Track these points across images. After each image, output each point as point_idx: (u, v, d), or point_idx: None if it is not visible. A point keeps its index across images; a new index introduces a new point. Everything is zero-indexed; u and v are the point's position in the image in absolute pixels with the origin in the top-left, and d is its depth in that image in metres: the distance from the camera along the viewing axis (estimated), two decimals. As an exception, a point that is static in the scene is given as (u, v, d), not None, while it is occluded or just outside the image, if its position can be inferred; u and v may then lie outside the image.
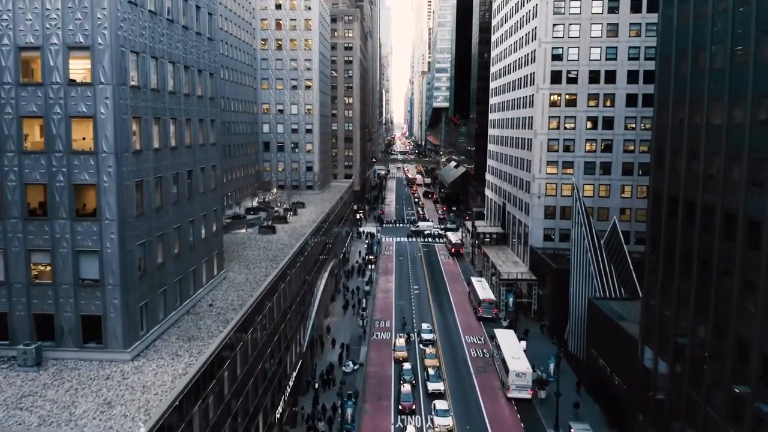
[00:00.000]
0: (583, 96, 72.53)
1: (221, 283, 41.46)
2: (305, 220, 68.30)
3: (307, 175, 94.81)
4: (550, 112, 73.35)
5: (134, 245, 28.78)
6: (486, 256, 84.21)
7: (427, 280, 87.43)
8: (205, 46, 38.52)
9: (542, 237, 74.54)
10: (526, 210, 77.30)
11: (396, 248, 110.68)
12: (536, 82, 73.61)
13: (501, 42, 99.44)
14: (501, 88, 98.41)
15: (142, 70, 29.47)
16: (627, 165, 72.67)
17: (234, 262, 47.41)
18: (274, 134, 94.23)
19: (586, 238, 56.91)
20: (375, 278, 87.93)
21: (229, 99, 76.40)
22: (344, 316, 72.05)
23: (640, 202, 72.84)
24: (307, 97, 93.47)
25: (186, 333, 31.93)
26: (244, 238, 56.87)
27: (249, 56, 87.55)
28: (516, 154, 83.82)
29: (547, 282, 69.05)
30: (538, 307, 71.32)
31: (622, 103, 72.01)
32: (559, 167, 73.76)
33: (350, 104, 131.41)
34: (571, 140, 73.39)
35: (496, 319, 70.29)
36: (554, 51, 72.71)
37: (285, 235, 58.35)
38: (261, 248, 52.63)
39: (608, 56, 71.91)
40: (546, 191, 74.11)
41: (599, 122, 72.66)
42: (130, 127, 28.29)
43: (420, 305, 76.04)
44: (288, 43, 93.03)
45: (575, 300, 59.42)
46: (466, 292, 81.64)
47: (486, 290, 72.47)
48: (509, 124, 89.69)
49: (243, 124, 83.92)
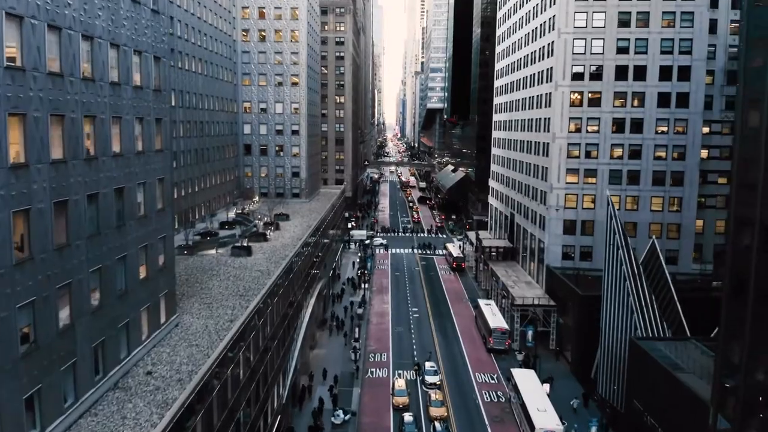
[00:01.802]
0: (609, 94, 63.35)
1: (171, 333, 31.65)
2: (288, 236, 58.52)
3: (293, 181, 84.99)
4: (570, 112, 64.09)
5: (13, 309, 18.96)
6: (494, 275, 74.84)
7: (428, 301, 77.88)
8: (146, 20, 28.73)
9: (560, 255, 65.27)
10: (541, 224, 67.99)
11: (392, 260, 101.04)
12: (554, 79, 64.31)
13: (508, 36, 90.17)
14: (508, 86, 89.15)
15: (27, 44, 19.65)
16: (658, 174, 63.59)
17: (194, 299, 37.57)
18: (256, 136, 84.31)
19: (625, 264, 47.58)
20: (369, 298, 78.28)
21: (203, 95, 66.55)
22: (333, 344, 62.32)
23: (672, 215, 63.87)
24: (293, 95, 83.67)
25: (105, 426, 22.12)
26: (212, 262, 47.02)
27: (228, 48, 77.66)
28: (528, 160, 74.50)
29: (569, 309, 59.75)
30: (558, 336, 61.97)
31: (653, 103, 62.92)
32: (581, 176, 64.51)
33: (342, 103, 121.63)
34: (594, 145, 64.16)
35: (508, 351, 60.87)
36: (576, 43, 63.47)
37: (263, 258, 48.56)
38: (231, 277, 42.82)
39: (637, 49, 62.79)
40: (565, 203, 64.87)
41: (626, 125, 63.51)
42: (3, 130, 18.48)
43: (421, 333, 66.46)
44: (272, 35, 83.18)
45: (608, 335, 50.12)
46: (471, 316, 72.16)
47: (497, 317, 62.99)
48: (519, 126, 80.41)
49: (220, 124, 74.04)
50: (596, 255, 64.55)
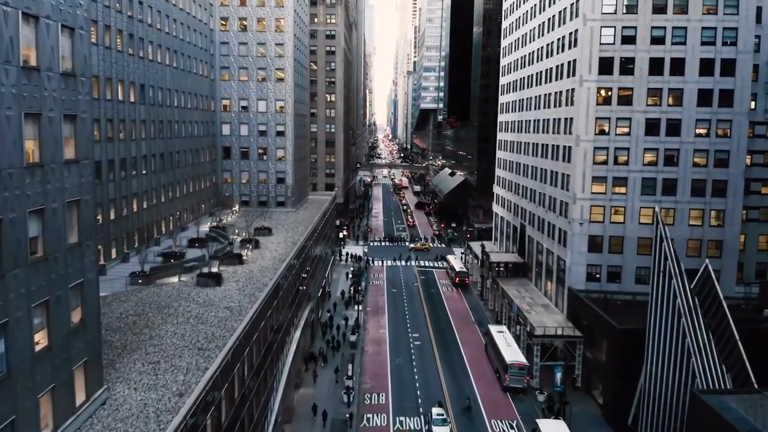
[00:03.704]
0: (642, 91, 54.95)
1: (93, 418, 22.54)
2: (269, 257, 49.45)
3: (278, 188, 75.84)
4: (597, 111, 55.58)
5: None
6: (504, 295, 66.16)
7: (430, 324, 69.03)
8: (46, -29, 19.62)
9: (585, 276, 56.74)
10: (562, 239, 59.42)
11: (387, 274, 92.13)
12: (579, 73, 55.75)
13: (517, 28, 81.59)
14: (516, 83, 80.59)
15: None
16: (697, 183, 55.29)
17: (137, 354, 28.44)
18: (237, 137, 75.09)
19: (680, 297, 39.02)
20: (363, 321, 69.32)
21: (171, 91, 57.42)
22: (321, 380, 53.33)
23: (713, 231, 55.57)
24: (278, 92, 74.56)
25: None
26: (172, 296, 37.87)
27: (204, 38, 68.54)
28: (544, 166, 65.92)
29: (597, 339, 51.21)
30: (584, 372, 53.37)
31: (692, 102, 54.60)
32: (609, 184, 56.02)
33: (332, 102, 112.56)
34: (624, 149, 55.71)
35: (527, 390, 52.20)
36: (604, 32, 54.97)
37: (235, 289, 39.49)
38: (192, 318, 33.72)
39: (675, 39, 54.43)
40: (591, 216, 56.34)
41: (662, 126, 55.12)
42: None
43: (424, 365, 57.59)
44: (255, 24, 74.03)
45: (654, 379, 41.60)
46: (480, 343, 63.42)
47: (512, 349, 54.27)
48: (531, 128, 71.82)
49: (194, 123, 64.94)
50: (625, 276, 56.21)
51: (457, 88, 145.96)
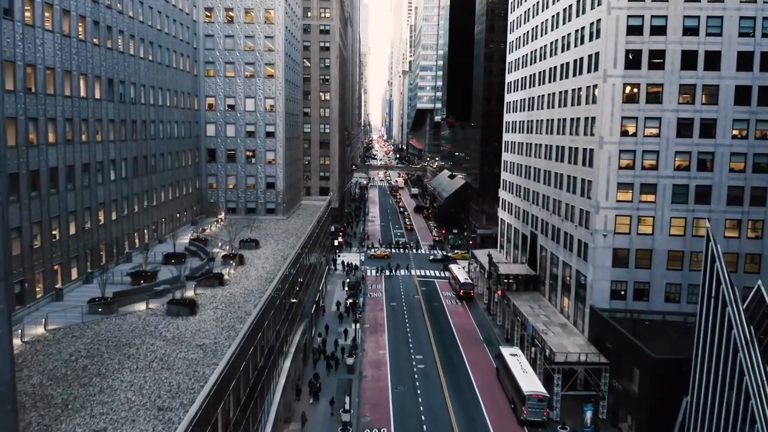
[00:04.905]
0: (673, 88, 49.28)
1: None
2: (255, 276, 43.35)
3: (268, 194, 69.71)
4: (623, 110, 49.81)
5: None
6: (516, 312, 60.30)
7: (434, 344, 63.03)
8: None
9: (609, 293, 50.98)
10: (582, 252, 53.64)
11: (386, 285, 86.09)
12: (603, 67, 49.97)
13: (526, 21, 75.83)
14: (526, 80, 74.81)
15: None
16: (734, 190, 49.67)
17: (77, 418, 22.30)
18: (222, 138, 68.90)
19: (736, 327, 33.23)
20: (361, 339, 63.29)
21: (146, 87, 51.33)
22: (314, 414, 47.29)
23: (751, 244, 49.92)
24: (268, 89, 68.46)
25: None
26: (135, 329, 31.71)
27: (186, 30, 62.46)
28: (559, 170, 60.13)
29: (626, 367, 45.46)
30: (611, 401, 47.55)
31: (728, 100, 48.98)
32: (635, 192, 50.29)
33: (327, 101, 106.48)
34: (653, 152, 50.00)
35: (547, 423, 46.34)
36: (631, 21, 49.23)
37: (212, 319, 33.39)
38: (155, 361, 27.61)
39: (710, 30, 48.77)
40: (615, 227, 50.57)
41: (695, 127, 49.48)
42: None
43: (429, 394, 51.60)
44: (242, 15, 67.89)
45: (701, 418, 35.81)
46: (490, 365, 57.55)
47: (530, 376, 48.37)
48: (544, 128, 66.03)
49: (174, 123, 58.87)
50: (654, 293, 50.55)
51: (457, 87, 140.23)
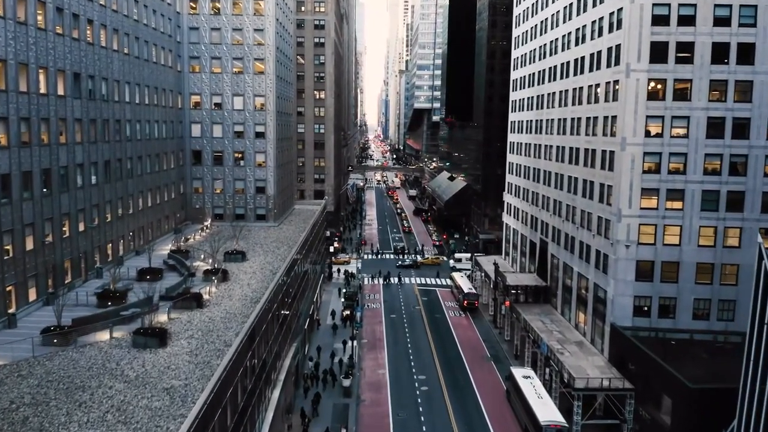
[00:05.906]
0: (702, 84, 44.68)
1: None
2: (239, 295, 38.46)
3: (258, 199, 64.80)
4: (648, 108, 45.19)
5: None
6: (527, 328, 55.60)
7: (438, 361, 58.26)
8: None
9: (632, 309, 46.34)
10: (599, 263, 48.98)
11: (384, 295, 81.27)
12: (625, 61, 45.31)
13: (534, 14, 71.15)
14: (534, 76, 70.13)
15: None
16: (770, 196, 45.15)
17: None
18: (209, 139, 63.98)
19: (798, 360, 28.59)
20: (359, 357, 58.49)
21: (123, 83, 46.47)
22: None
23: (787, 255, 45.11)
24: (257, 86, 63.57)
25: None
26: (94, 365, 26.81)
27: (168, 22, 57.56)
28: (573, 173, 55.49)
29: (656, 395, 40.83)
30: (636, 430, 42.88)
31: (763, 97, 44.43)
32: (662, 198, 45.66)
33: (322, 99, 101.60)
34: (681, 155, 45.39)
35: (566, 456, 41.62)
36: (656, 10, 44.60)
37: (184, 352, 28.51)
38: (111, 411, 22.73)
39: (743, 20, 44.19)
40: (639, 237, 45.93)
41: (727, 126, 44.88)
42: None
43: (434, 421, 46.76)
44: (229, 6, 62.96)
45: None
46: (500, 386, 52.83)
47: (545, 403, 43.64)
48: (556, 128, 61.37)
49: (155, 123, 53.99)
50: (681, 310, 45.98)
51: (457, 86, 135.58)
